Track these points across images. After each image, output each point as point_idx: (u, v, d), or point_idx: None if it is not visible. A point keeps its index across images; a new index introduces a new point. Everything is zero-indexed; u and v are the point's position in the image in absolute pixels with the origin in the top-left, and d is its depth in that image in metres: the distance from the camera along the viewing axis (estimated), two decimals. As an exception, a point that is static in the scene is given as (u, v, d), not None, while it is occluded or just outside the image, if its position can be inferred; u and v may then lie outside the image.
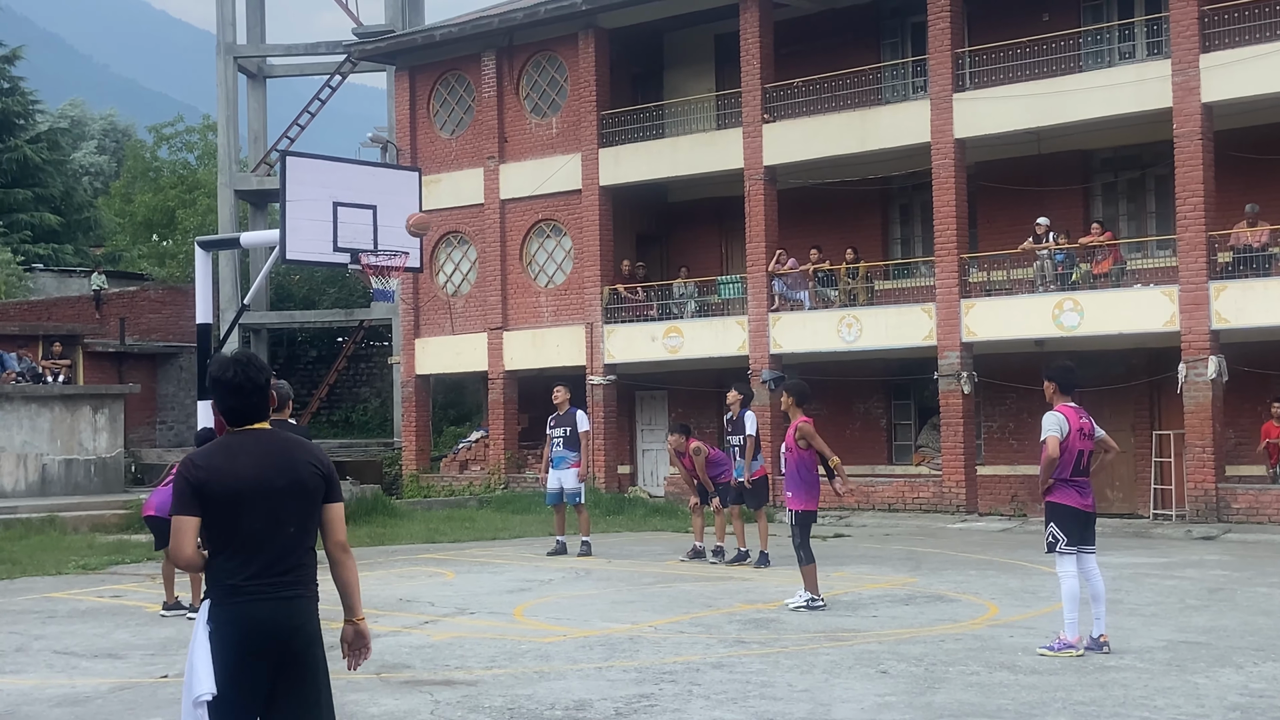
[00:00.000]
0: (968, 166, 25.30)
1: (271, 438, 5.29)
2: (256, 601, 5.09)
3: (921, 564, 17.23)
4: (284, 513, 5.16)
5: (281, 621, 5.12)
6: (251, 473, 5.14)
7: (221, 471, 5.13)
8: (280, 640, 5.12)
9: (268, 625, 5.10)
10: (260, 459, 5.19)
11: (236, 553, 5.12)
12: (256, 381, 5.28)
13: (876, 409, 28.40)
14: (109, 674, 10.31)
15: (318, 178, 17.78)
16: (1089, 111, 23.43)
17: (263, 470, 5.16)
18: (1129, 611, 12.50)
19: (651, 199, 30.82)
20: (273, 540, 5.14)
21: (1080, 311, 23.22)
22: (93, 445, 29.50)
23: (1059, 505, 10.46)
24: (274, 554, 5.14)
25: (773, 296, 26.95)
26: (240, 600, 5.09)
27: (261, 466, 5.17)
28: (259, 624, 5.08)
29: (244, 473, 5.14)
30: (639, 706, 8.64)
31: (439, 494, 30.30)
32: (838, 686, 9.21)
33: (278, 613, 5.11)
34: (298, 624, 5.17)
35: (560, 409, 18.63)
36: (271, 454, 5.22)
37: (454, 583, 15.77)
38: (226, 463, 5.16)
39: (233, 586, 5.10)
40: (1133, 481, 24.78)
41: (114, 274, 42.62)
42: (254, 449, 5.21)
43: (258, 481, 5.13)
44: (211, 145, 51.73)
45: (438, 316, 32.19)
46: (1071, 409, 10.49)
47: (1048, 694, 8.87)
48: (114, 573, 17.50)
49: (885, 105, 26.31)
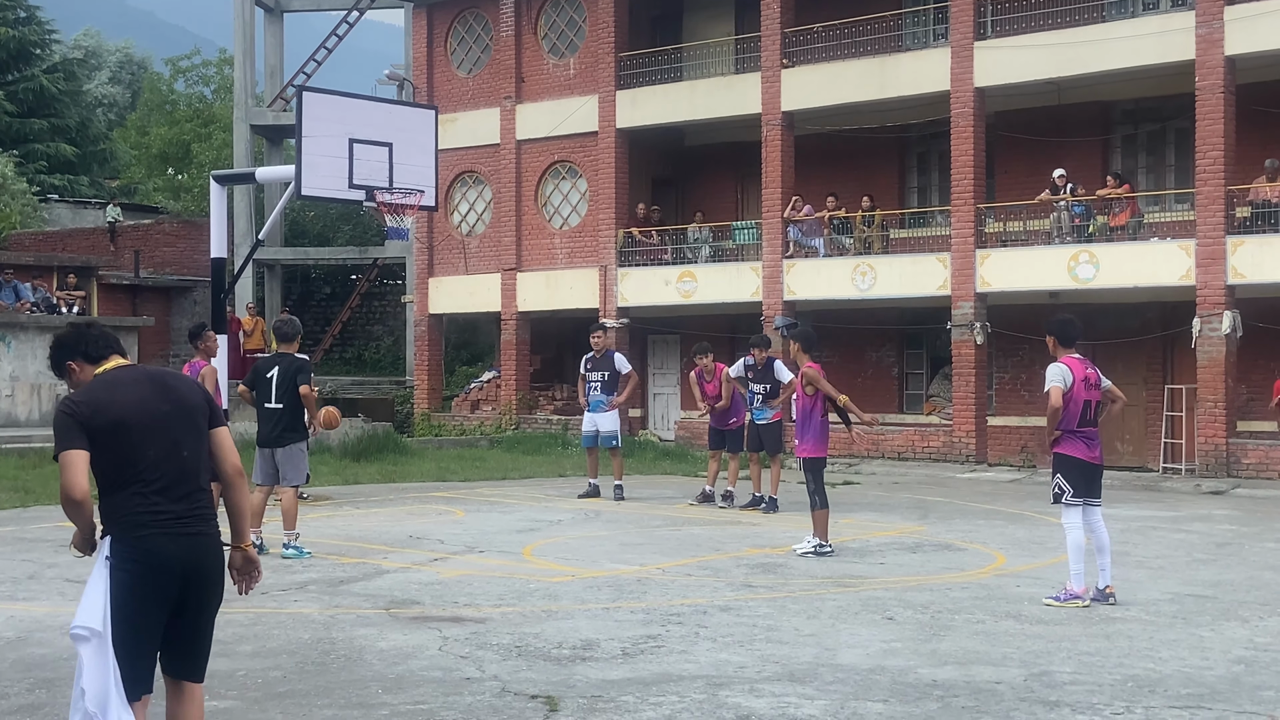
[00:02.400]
0: (987, 116, 25.14)
1: (142, 370, 5.43)
2: (156, 536, 5.11)
3: (930, 512, 17.26)
4: (174, 435, 5.23)
5: (182, 557, 5.15)
6: (134, 400, 5.21)
7: (104, 403, 5.18)
8: (179, 576, 5.15)
9: (165, 561, 5.12)
10: (138, 388, 5.28)
11: (131, 482, 5.13)
12: (78, 328, 5.51)
13: (889, 358, 28.39)
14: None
15: (334, 114, 17.72)
16: (1111, 62, 23.25)
17: (144, 397, 5.24)
18: (1136, 564, 12.52)
19: (668, 142, 30.68)
20: (168, 465, 5.18)
21: (1096, 264, 23.13)
22: (106, 377, 29.57)
23: (1066, 456, 10.46)
24: (170, 480, 5.17)
25: (788, 243, 26.88)
26: (141, 534, 5.10)
27: (142, 394, 5.25)
28: (158, 559, 5.10)
29: (127, 400, 5.20)
30: (646, 647, 8.69)
31: (450, 433, 30.40)
32: (844, 631, 9.26)
33: (178, 549, 5.14)
34: (198, 561, 5.21)
35: (598, 352, 18.55)
36: (147, 383, 5.33)
37: (464, 521, 15.84)
38: (107, 394, 5.23)
39: (132, 519, 5.11)
40: (1143, 435, 24.77)
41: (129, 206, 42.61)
42: (129, 380, 5.31)
43: (142, 408, 5.20)
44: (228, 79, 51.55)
45: (452, 256, 32.17)
46: (1076, 360, 10.47)
47: (1053, 644, 8.90)
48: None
49: (905, 52, 26.13)
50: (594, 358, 18.47)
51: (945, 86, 24.82)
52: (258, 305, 36.36)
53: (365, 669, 8.10)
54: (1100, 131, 25.75)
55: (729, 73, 28.40)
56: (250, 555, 5.55)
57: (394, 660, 8.31)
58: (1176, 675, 8.03)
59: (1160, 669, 8.19)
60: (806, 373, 13.23)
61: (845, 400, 13.35)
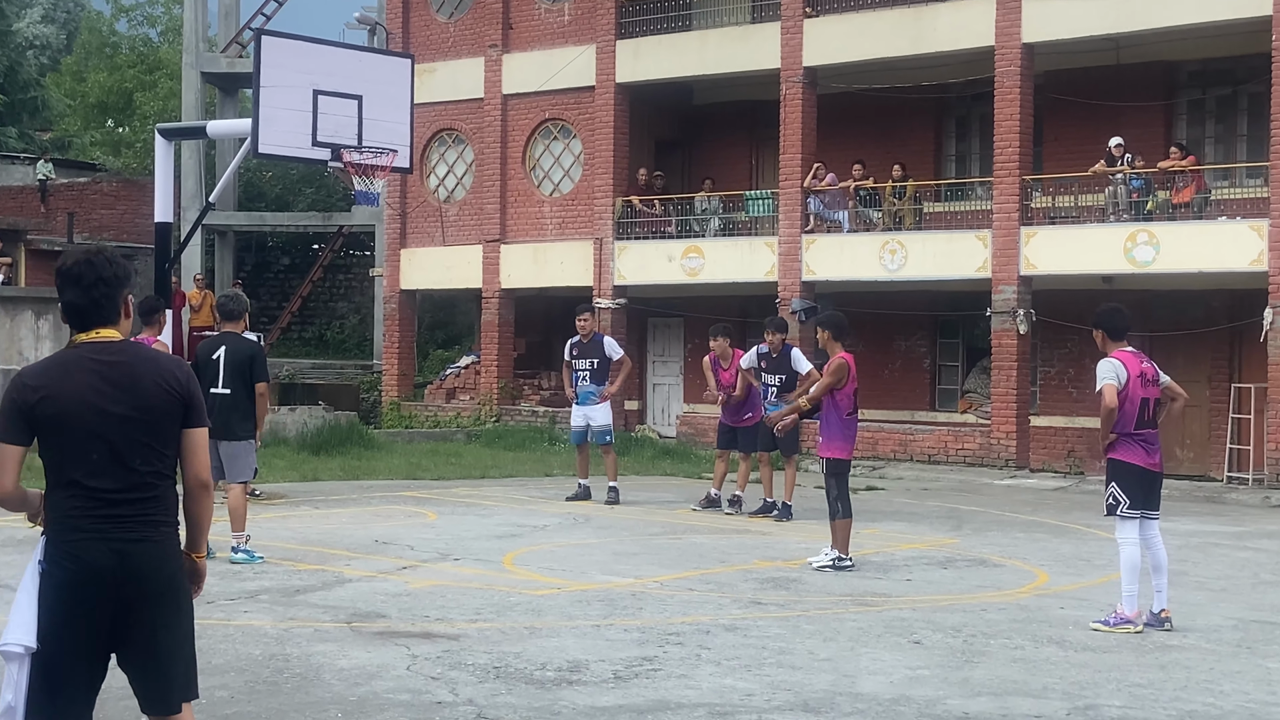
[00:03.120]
0: (1035, 76, 25.11)
1: (118, 351, 5.16)
2: (89, 541, 5.01)
3: (963, 523, 17.29)
4: (124, 442, 5.06)
5: (115, 566, 5.01)
6: (87, 394, 5.04)
7: (53, 391, 5.04)
8: (113, 587, 5.01)
9: (97, 571, 4.99)
10: (99, 378, 5.07)
11: (69, 483, 5.05)
12: (100, 273, 5.15)
13: (920, 348, 28.40)
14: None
15: (297, 62, 17.66)
16: (1176, 17, 23.21)
17: (100, 392, 5.05)
18: (1195, 585, 12.54)
19: (674, 100, 30.65)
20: (110, 472, 5.05)
21: (1155, 245, 23.14)
22: (34, 355, 29.55)
23: (1122, 463, 10.46)
24: (113, 487, 5.05)
25: (807, 216, 26.87)
26: (74, 538, 5.02)
27: (99, 387, 5.05)
28: (88, 568, 4.99)
29: (77, 394, 5.04)
30: (641, 670, 8.70)
31: (422, 425, 30.42)
32: (864, 656, 9.27)
33: (111, 557, 5.00)
34: (134, 570, 5.04)
35: (585, 337, 18.57)
36: (113, 373, 5.09)
37: (436, 524, 15.85)
38: (59, 381, 5.07)
39: (67, 522, 5.04)
40: (1206, 440, 24.79)
41: (62, 163, 42.61)
42: (93, 366, 5.09)
43: (92, 405, 5.03)
44: (177, 20, 51.51)
45: (427, 225, 32.15)
46: (1129, 353, 10.48)
47: (1100, 673, 8.91)
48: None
49: (944, 2, 26.06)
50: (580, 343, 18.47)
51: (989, 41, 24.79)
52: (207, 277, 36.32)
53: (323, 690, 8.10)
54: (1163, 96, 25.72)
55: (744, 22, 28.36)
56: (199, 566, 5.41)
57: (356, 681, 8.31)
58: (1239, 711, 8.04)
59: (1221, 704, 8.20)
60: (833, 362, 13.20)
61: (803, 404, 13.92)
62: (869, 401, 22.63)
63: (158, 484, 5.15)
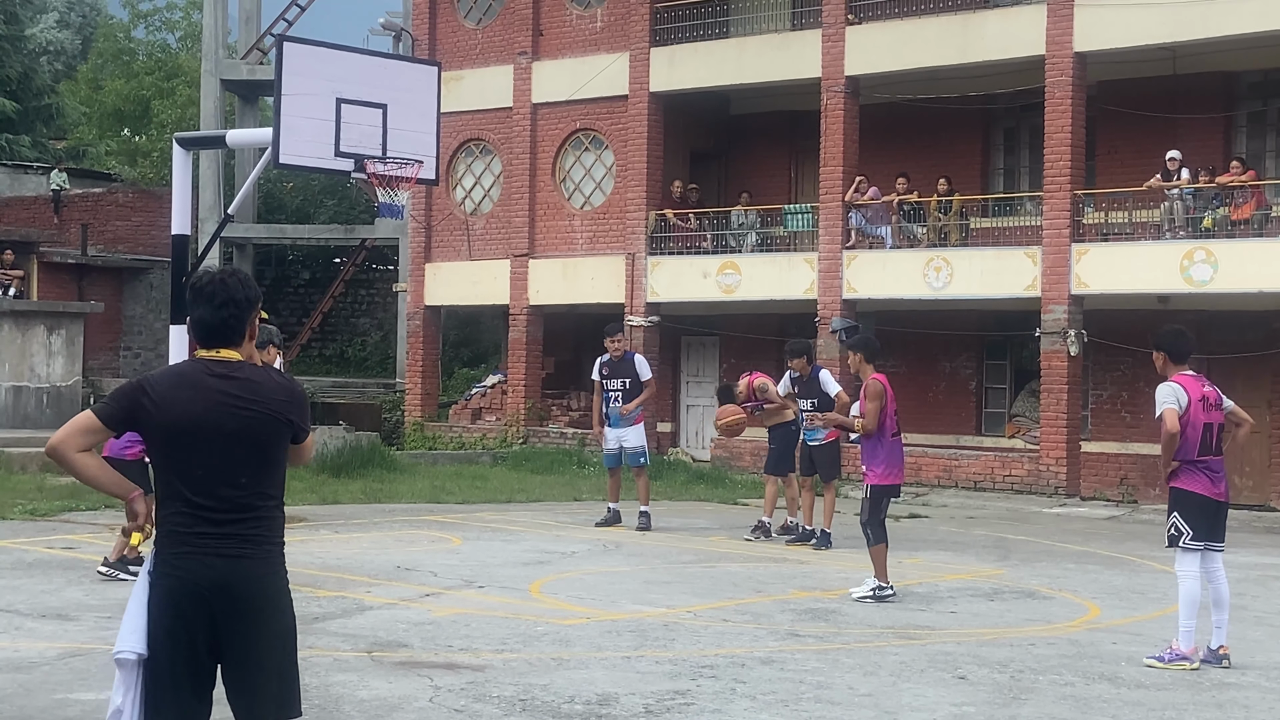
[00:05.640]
0: (1088, 86, 25.06)
1: (235, 371, 5.41)
2: (193, 556, 5.27)
3: (1010, 553, 17.22)
4: (230, 460, 5.32)
5: (212, 581, 5.26)
6: (200, 409, 5.30)
7: (169, 402, 5.31)
8: (210, 602, 5.26)
9: (196, 584, 5.26)
10: (215, 394, 5.33)
11: (177, 497, 5.30)
12: (232, 294, 5.44)
13: (966, 369, 28.32)
14: (57, 637, 10.44)
15: (320, 69, 17.74)
16: (1236, 26, 23.13)
17: (213, 409, 5.31)
18: (1255, 620, 12.47)
19: (710, 110, 30.69)
20: (215, 489, 5.30)
21: (1214, 263, 23.03)
22: (46, 371, 29.77)
23: (1185, 492, 10.40)
24: (216, 504, 5.30)
25: (849, 231, 26.85)
26: (181, 552, 5.28)
27: (214, 403, 5.32)
28: (188, 582, 5.26)
29: (192, 409, 5.30)
30: (673, 704, 8.68)
31: (446, 446, 30.47)
32: (906, 692, 9.24)
33: (209, 572, 5.26)
34: (230, 585, 5.28)
35: (615, 356, 18.59)
36: (230, 390, 5.36)
37: (461, 550, 15.87)
38: (176, 392, 5.34)
39: (173, 536, 5.30)
40: (1266, 468, 24.66)
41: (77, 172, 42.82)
42: (211, 383, 5.35)
43: (204, 422, 5.29)
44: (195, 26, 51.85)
45: (453, 239, 32.24)
46: (1190, 377, 10.45)
47: (1154, 712, 8.86)
48: (67, 520, 17.69)
49: (993, 9, 26.05)
50: (611, 361, 18.48)
51: (1039, 50, 24.75)
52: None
53: (342, 722, 8.11)
54: (1222, 107, 25.64)
55: (784, 29, 28.39)
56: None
57: (376, 713, 8.32)
58: (1302, 754, 7.97)
59: (1282, 746, 8.14)
60: (870, 386, 13.19)
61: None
62: (911, 425, 22.57)
63: (261, 504, 5.41)
